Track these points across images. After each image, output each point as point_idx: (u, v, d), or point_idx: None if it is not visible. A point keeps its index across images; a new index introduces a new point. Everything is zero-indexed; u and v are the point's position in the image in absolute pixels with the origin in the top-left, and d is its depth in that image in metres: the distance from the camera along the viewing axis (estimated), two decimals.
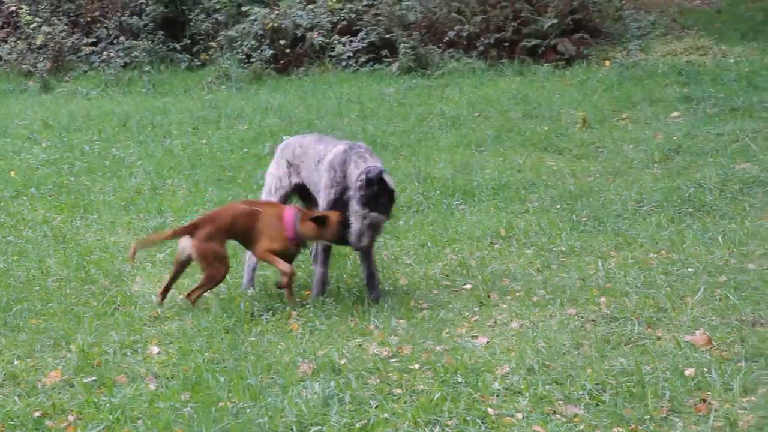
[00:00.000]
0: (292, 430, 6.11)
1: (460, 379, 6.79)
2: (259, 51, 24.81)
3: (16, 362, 7.43)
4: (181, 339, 7.78)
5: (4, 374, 7.21)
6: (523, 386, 6.66)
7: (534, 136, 15.29)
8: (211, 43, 26.28)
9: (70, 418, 6.46)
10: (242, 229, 8.69)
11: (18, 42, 27.17)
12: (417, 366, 7.06)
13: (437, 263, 9.59)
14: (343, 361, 7.18)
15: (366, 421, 6.19)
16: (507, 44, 23.26)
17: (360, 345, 7.58)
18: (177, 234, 8.74)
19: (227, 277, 9.17)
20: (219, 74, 24.27)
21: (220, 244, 8.61)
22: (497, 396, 6.55)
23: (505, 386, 6.70)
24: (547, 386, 6.64)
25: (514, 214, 11.11)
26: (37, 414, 6.49)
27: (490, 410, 6.33)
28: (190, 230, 8.62)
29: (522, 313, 8.14)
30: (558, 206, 11.34)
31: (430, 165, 13.74)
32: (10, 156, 15.74)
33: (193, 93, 23.06)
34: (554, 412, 6.29)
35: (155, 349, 7.61)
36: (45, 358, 7.54)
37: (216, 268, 8.58)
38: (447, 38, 23.86)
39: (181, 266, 8.77)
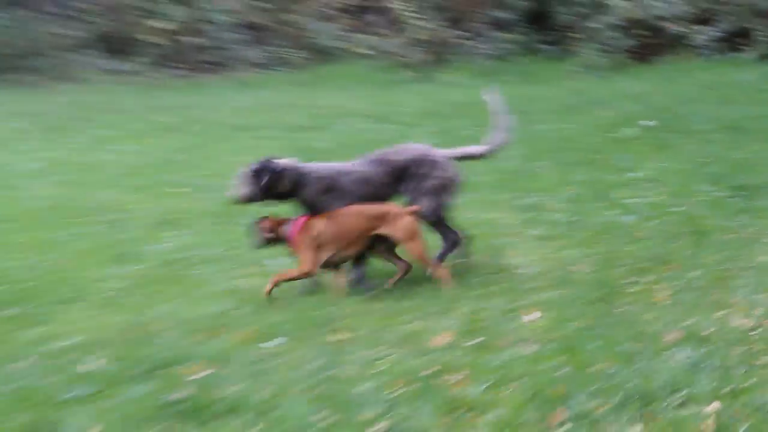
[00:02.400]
0: (662, 391, 6.04)
1: None
2: (620, 41, 24.62)
3: (411, 324, 7.67)
4: (557, 307, 7.84)
5: (402, 335, 7.45)
6: None
7: None
8: (575, 35, 26.22)
9: (460, 375, 6.59)
10: None
11: (401, 36, 27.85)
12: None
13: None
14: (708, 331, 7.08)
15: (733, 386, 6.07)
16: None
17: (723, 316, 7.44)
18: None
19: (596, 251, 9.25)
20: (582, 64, 24.24)
21: None
22: None
23: None
24: None
25: None
26: (430, 370, 6.65)
27: None
28: None
29: None
30: None
31: None
32: (397, 139, 15.75)
33: (558, 81, 23.09)
34: None
35: (534, 316, 7.68)
36: (436, 321, 7.74)
37: None
38: None
39: None
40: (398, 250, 8.94)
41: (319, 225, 8.70)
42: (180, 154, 15.99)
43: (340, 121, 18.74)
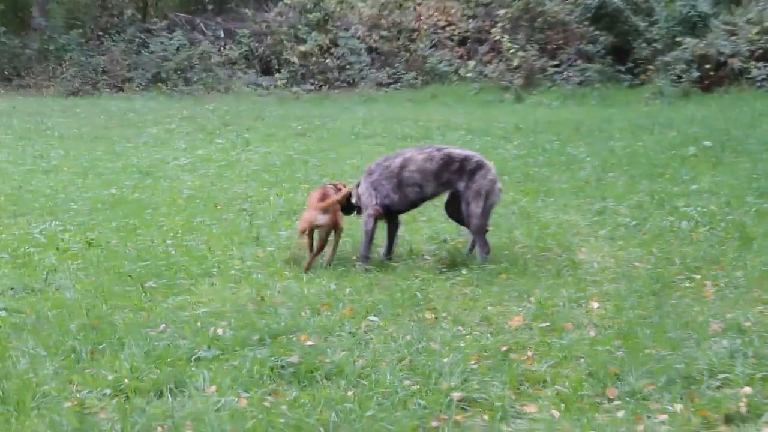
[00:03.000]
0: (704, 375, 5.94)
1: None
2: (688, 73, 24.47)
3: (489, 308, 7.57)
4: (616, 298, 7.69)
5: (480, 317, 7.37)
6: None
7: None
8: (650, 67, 26.15)
9: (529, 353, 6.52)
10: None
11: (499, 63, 27.91)
12: None
13: None
14: (747, 324, 6.89)
15: (766, 373, 5.93)
16: None
17: (762, 311, 7.25)
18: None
19: (654, 251, 9.08)
20: (654, 91, 24.15)
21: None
22: None
23: None
24: None
25: None
26: (503, 348, 6.58)
27: None
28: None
29: None
30: None
31: None
32: (490, 150, 16.05)
33: (632, 106, 22.97)
34: None
35: (595, 305, 7.55)
36: (510, 306, 7.64)
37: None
38: None
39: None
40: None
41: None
42: (306, 156, 16.08)
43: (443, 132, 18.68)
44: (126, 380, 6.12)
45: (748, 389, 5.71)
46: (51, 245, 9.97)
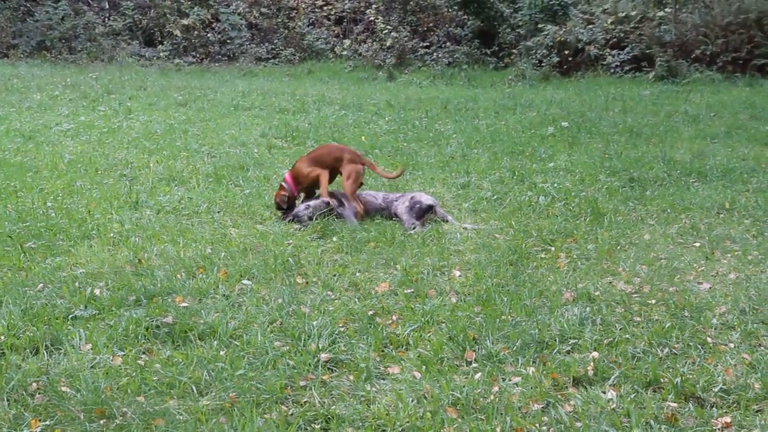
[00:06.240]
0: (555, 340, 6.04)
1: (686, 314, 6.57)
2: (549, 58, 24.81)
3: (357, 274, 7.56)
4: (477, 267, 7.74)
5: (349, 282, 7.36)
6: (736, 323, 6.39)
7: (758, 133, 14.71)
8: (513, 51, 26.41)
9: (394, 317, 6.54)
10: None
11: (373, 43, 27.88)
12: (653, 301, 6.86)
13: (674, 225, 9.26)
14: (596, 293, 7.04)
15: (612, 339, 6.07)
16: (741, 62, 22.94)
17: (610, 282, 7.39)
18: None
19: (513, 223, 9.17)
20: (517, 74, 24.36)
21: None
22: (715, 329, 6.31)
23: (722, 322, 6.44)
24: (755, 325, 6.36)
25: (737, 192, 10.63)
26: (370, 312, 6.60)
27: (708, 339, 6.10)
28: None
29: (739, 267, 7.79)
30: None
31: (674, 150, 13.32)
32: (363, 125, 16.07)
33: (497, 87, 23.13)
34: (760, 345, 6.03)
35: (457, 273, 7.60)
36: (378, 273, 7.64)
37: None
38: (694, 55, 23.66)
39: None
40: None
41: None
42: (186, 125, 15.76)
43: (319, 107, 18.56)
44: (2, 337, 5.98)
45: (595, 354, 5.84)
46: None
